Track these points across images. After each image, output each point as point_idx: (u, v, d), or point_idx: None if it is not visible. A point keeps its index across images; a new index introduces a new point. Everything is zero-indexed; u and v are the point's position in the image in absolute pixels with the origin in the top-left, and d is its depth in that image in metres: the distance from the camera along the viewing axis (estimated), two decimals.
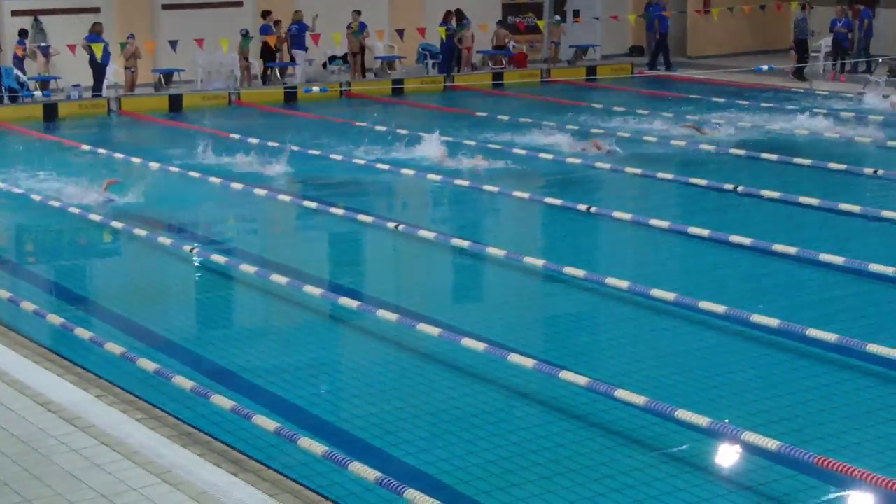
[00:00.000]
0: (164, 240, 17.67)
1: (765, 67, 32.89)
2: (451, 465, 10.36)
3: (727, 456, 10.43)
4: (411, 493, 9.16)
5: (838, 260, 15.69)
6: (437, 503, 9.01)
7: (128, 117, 30.85)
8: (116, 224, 18.62)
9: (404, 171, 22.30)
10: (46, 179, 21.73)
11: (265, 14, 33.58)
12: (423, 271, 17.25)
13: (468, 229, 18.51)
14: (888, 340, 12.41)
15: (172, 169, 23.19)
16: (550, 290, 16.02)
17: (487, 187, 20.89)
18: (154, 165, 23.59)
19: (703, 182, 21.00)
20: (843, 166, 22.08)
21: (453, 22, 35.34)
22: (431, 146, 23.65)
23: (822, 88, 32.86)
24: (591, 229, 18.97)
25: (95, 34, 31.16)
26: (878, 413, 11.41)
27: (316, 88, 32.00)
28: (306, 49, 34.33)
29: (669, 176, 21.75)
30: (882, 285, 15.14)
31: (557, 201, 19.86)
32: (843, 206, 18.89)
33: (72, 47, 30.85)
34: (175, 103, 31.76)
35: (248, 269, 16.10)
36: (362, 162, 23.20)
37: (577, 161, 22.82)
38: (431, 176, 21.84)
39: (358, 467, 9.72)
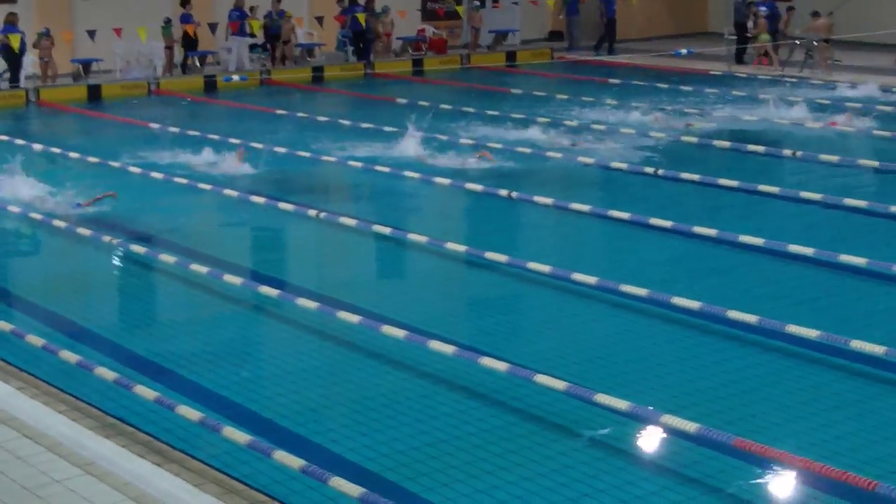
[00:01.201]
0: (84, 231, 17.53)
1: (684, 51, 33.09)
2: (376, 451, 10.39)
3: (649, 439, 10.53)
4: (336, 481, 9.19)
5: (758, 241, 15.88)
6: (362, 490, 9.05)
7: (47, 108, 30.53)
8: (35, 216, 18.48)
9: (325, 158, 22.27)
10: None
11: (184, 3, 33.33)
12: (344, 258, 17.24)
13: (390, 216, 18.50)
14: (808, 321, 12.57)
15: (91, 159, 22.99)
16: (472, 275, 16.09)
17: (409, 174, 20.91)
18: (73, 155, 23.42)
19: (624, 166, 21.18)
20: (762, 148, 22.41)
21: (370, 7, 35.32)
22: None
23: (764, 73, 33.20)
24: (512, 215, 19.02)
25: (10, 24, 30.79)
26: (798, 394, 11.54)
27: (236, 77, 31.84)
28: (249, 35, 34.24)
29: (591, 160, 21.85)
30: (800, 266, 15.33)
31: (479, 187, 19.94)
32: (763, 188, 19.15)
33: None
34: (94, 93, 31.50)
35: (168, 258, 16.03)
36: (283, 150, 23.13)
37: (500, 146, 22.86)
38: (353, 164, 21.82)
39: (282, 456, 9.73)
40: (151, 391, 11.25)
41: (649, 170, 20.76)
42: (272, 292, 14.65)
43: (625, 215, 17.61)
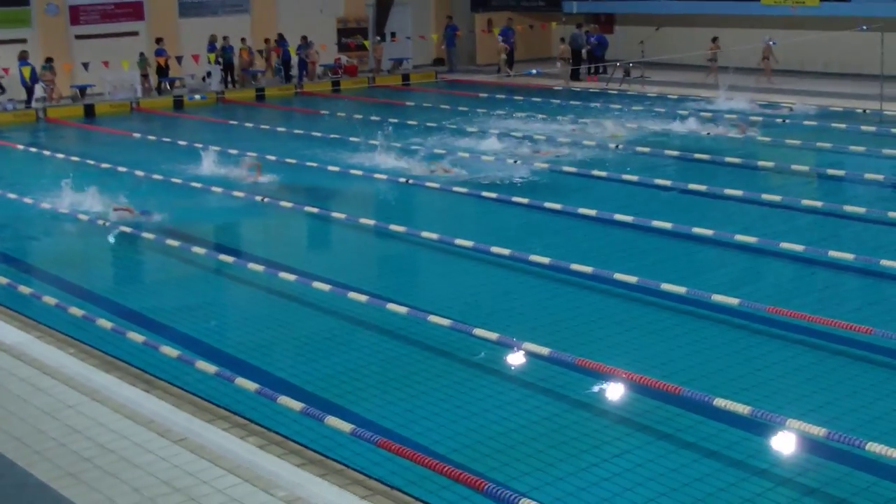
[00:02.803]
0: (83, 216, 17.27)
1: (534, 71, 33.15)
2: (312, 376, 10.41)
3: (512, 360, 10.63)
4: (283, 399, 9.20)
5: (591, 212, 16.06)
6: (302, 405, 9.08)
7: (52, 123, 29.94)
8: (45, 205, 18.19)
9: (268, 156, 22.09)
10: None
11: (158, 40, 32.90)
12: (284, 233, 17.16)
13: (320, 199, 18.40)
14: (629, 271, 12.76)
15: (90, 162, 22.64)
16: (379, 242, 16.11)
17: (332, 168, 20.80)
18: (74, 158, 23.08)
19: (491, 159, 21.23)
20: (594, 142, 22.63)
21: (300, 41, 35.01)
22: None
23: (604, 88, 33.38)
24: (408, 196, 19.03)
25: (23, 59, 30.30)
26: (625, 324, 11.70)
27: (197, 97, 31.42)
28: (225, 65, 33.78)
29: (467, 156, 21.88)
30: (625, 231, 15.51)
31: (383, 176, 19.92)
32: (595, 173, 19.38)
33: (6, 70, 30.13)
34: (89, 111, 30.98)
35: (149, 235, 15.86)
36: (235, 151, 22.90)
37: (398, 144, 22.85)
38: (289, 160, 21.61)
39: (242, 381, 9.72)
40: (140, 336, 11.17)
41: (510, 161, 20.87)
42: (229, 259, 14.57)
43: (492, 194, 17.71)
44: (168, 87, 33.18)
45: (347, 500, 7.67)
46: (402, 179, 19.47)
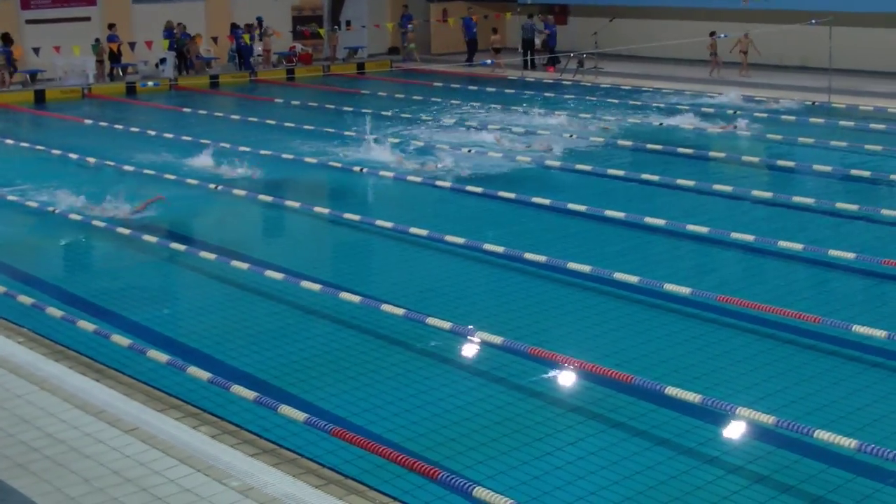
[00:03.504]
0: (32, 203, 17.04)
1: (489, 62, 33.16)
2: (265, 365, 10.34)
3: (466, 349, 10.64)
4: (236, 388, 9.13)
5: (545, 202, 16.08)
6: (256, 394, 9.01)
7: (1, 108, 29.48)
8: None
9: (222, 144, 21.91)
10: None
11: (111, 25, 32.51)
12: (235, 220, 17.01)
13: (272, 188, 18.27)
14: (581, 260, 12.79)
15: (39, 147, 22.34)
16: (333, 230, 16.02)
17: (286, 156, 20.68)
18: (24, 144, 22.79)
19: (446, 147, 21.19)
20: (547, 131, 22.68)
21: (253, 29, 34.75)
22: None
23: (567, 79, 33.43)
24: (362, 185, 18.96)
25: None
26: (578, 313, 11.73)
27: (150, 83, 31.10)
28: (179, 52, 33.39)
29: (422, 144, 21.85)
30: (578, 220, 15.55)
31: (338, 164, 19.83)
32: (550, 163, 19.42)
33: None
34: (39, 97, 30.57)
35: (99, 224, 15.67)
36: (189, 138, 22.70)
37: (352, 133, 22.78)
38: (243, 148, 21.42)
39: (193, 370, 9.63)
40: (91, 324, 11.04)
41: (464, 150, 20.86)
42: (181, 247, 14.44)
43: (447, 184, 17.69)
44: (121, 74, 32.82)
45: (301, 489, 7.62)
46: (357, 168, 19.40)
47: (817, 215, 15.58)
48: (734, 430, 8.54)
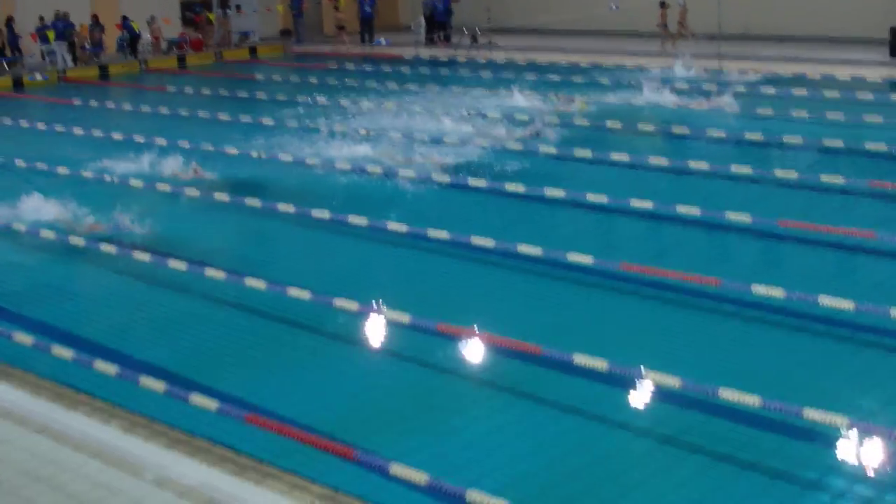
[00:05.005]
0: None
1: (383, 41, 33.13)
2: (174, 356, 10.26)
3: (375, 329, 10.65)
4: (144, 380, 9.06)
5: (481, 183, 16.08)
6: (166, 386, 8.96)
7: None
8: None
9: (114, 135, 21.54)
10: None
11: None
12: (132, 211, 16.71)
13: (171, 177, 18.01)
14: (491, 235, 12.91)
15: None
16: (234, 217, 15.87)
17: (205, 146, 20.37)
18: None
19: (344, 128, 21.13)
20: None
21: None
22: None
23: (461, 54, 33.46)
24: (262, 170, 18.80)
25: None
26: (484, 286, 11.88)
27: (38, 76, 30.41)
28: (68, 42, 32.63)
29: (322, 127, 21.74)
30: (518, 201, 15.66)
31: (234, 151, 19.65)
32: (448, 140, 19.47)
33: None
34: None
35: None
36: (80, 131, 22.28)
37: (249, 120, 22.57)
38: (159, 140, 20.95)
39: (100, 364, 9.53)
40: None
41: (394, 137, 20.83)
42: (80, 242, 14.19)
43: (378, 169, 17.60)
44: (6, 67, 32.05)
45: (217, 477, 7.61)
46: (255, 153, 19.25)
47: (713, 179, 15.92)
48: (642, 395, 8.72)
